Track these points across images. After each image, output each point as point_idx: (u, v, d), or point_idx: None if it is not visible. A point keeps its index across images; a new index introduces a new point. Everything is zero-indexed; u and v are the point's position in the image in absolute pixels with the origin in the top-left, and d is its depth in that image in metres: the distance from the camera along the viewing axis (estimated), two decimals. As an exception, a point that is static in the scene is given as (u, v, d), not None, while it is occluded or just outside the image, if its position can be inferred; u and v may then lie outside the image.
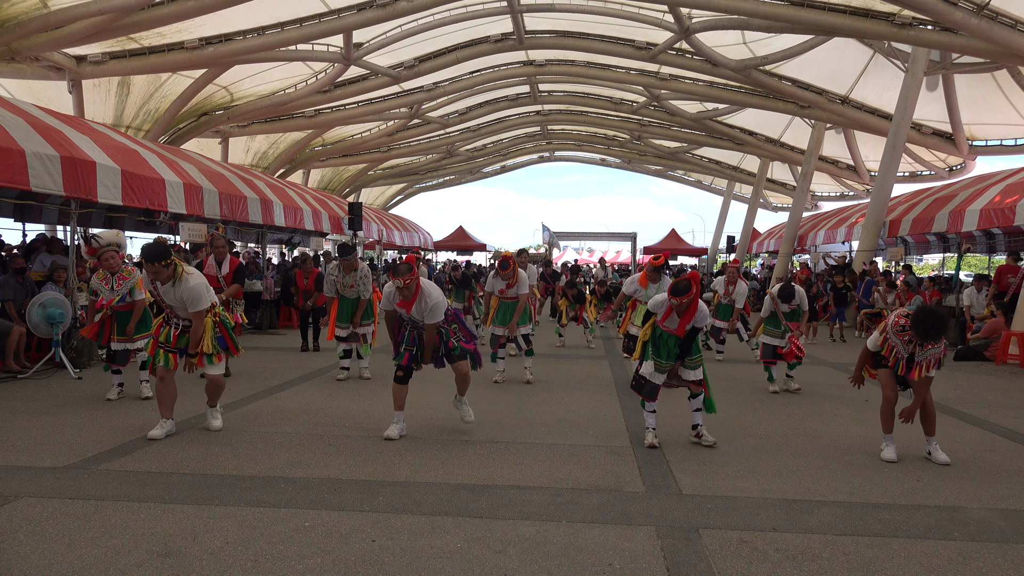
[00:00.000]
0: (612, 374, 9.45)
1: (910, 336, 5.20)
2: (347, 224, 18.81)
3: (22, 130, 8.76)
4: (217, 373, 5.78)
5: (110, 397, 7.06)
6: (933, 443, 5.41)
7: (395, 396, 5.80)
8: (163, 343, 5.64)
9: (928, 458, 5.39)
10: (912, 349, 5.24)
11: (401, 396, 5.80)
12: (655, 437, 5.67)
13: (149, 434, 5.59)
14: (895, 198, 19.89)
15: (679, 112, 25.23)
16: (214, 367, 5.73)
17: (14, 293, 8.88)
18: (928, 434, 5.43)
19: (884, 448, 5.45)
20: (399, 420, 5.81)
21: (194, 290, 5.45)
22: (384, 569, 3.37)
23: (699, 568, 3.44)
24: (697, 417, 5.75)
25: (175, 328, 5.65)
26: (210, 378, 5.79)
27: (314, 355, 10.81)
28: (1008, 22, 13.14)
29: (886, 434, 5.48)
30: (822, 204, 31.73)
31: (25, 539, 3.60)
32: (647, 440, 5.66)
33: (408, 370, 5.77)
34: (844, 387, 8.70)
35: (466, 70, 22.14)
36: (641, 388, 5.71)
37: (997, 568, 3.52)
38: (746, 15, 15.31)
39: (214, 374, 5.77)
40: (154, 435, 5.56)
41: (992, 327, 11.95)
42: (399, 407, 5.81)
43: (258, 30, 16.29)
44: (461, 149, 33.13)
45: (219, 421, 5.90)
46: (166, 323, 5.70)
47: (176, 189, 11.34)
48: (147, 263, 5.29)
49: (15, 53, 14.08)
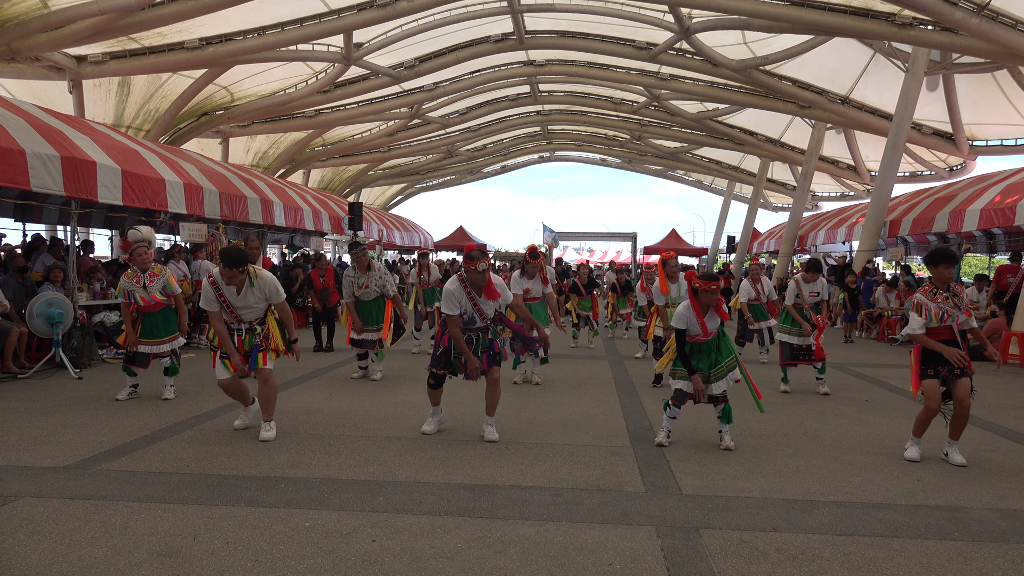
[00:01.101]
0: (612, 374, 9.45)
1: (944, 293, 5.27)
2: (347, 224, 18.82)
3: (22, 130, 8.77)
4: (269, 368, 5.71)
5: (119, 397, 7.03)
6: (954, 446, 5.37)
7: (431, 397, 5.85)
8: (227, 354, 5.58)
9: (944, 459, 5.37)
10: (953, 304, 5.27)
11: (436, 396, 5.84)
12: (667, 437, 5.66)
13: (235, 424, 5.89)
14: (895, 198, 19.89)
15: (679, 112, 25.23)
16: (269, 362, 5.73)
17: (14, 293, 8.88)
18: (952, 437, 5.38)
19: (909, 447, 5.45)
20: (435, 414, 5.88)
21: (272, 281, 5.61)
22: (384, 569, 3.37)
23: (699, 568, 3.44)
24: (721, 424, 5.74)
25: (238, 335, 5.65)
26: (263, 377, 5.67)
27: (316, 355, 10.81)
28: (1008, 22, 13.14)
29: (915, 436, 5.46)
30: (822, 204, 31.73)
31: (25, 539, 3.60)
32: (658, 438, 5.65)
33: (440, 377, 5.70)
34: (844, 387, 8.72)
35: (466, 70, 22.15)
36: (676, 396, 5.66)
37: (997, 568, 3.52)
38: (746, 15, 15.31)
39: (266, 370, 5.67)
40: (238, 425, 5.86)
41: (992, 327, 11.94)
42: (435, 403, 5.86)
43: (258, 30, 16.30)
44: (461, 149, 33.14)
45: (273, 432, 5.67)
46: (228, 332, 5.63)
47: (176, 189, 11.34)
48: (225, 268, 5.31)
49: (15, 53, 14.09)
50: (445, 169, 37.27)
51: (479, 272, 5.41)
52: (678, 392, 5.64)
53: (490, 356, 5.66)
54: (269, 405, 5.71)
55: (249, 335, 5.66)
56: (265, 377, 5.69)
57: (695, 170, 35.41)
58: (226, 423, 6.11)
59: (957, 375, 5.26)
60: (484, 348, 5.64)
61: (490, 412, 5.77)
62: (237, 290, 5.50)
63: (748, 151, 28.25)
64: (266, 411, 5.72)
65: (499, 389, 5.75)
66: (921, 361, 5.40)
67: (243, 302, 5.54)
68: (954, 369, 5.25)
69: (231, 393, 5.81)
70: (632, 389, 8.27)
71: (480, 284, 5.48)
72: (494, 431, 5.72)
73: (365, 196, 36.52)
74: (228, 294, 5.51)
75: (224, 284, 5.45)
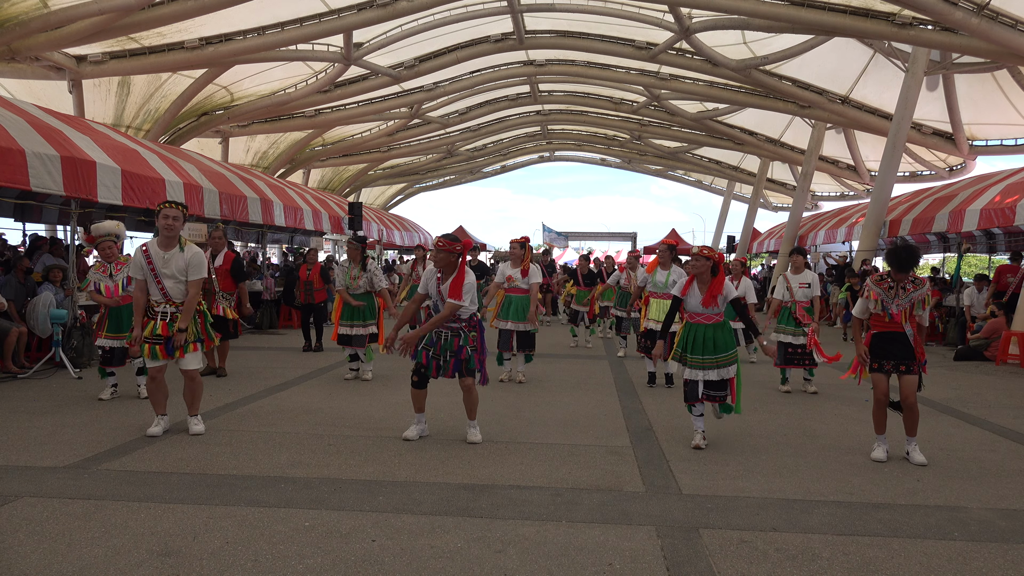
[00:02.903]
0: (612, 374, 9.44)
1: (889, 282, 5.35)
2: (347, 224, 18.82)
3: (22, 130, 8.77)
4: (195, 367, 5.70)
5: (103, 397, 7.04)
6: (913, 444, 5.39)
7: (414, 400, 5.72)
8: (150, 338, 5.55)
9: (906, 458, 5.38)
10: (895, 295, 5.32)
11: (419, 399, 5.70)
12: (703, 439, 5.63)
13: (148, 431, 5.62)
14: (895, 198, 19.89)
15: (679, 112, 25.22)
16: (192, 358, 5.66)
17: (15, 293, 8.88)
18: (908, 434, 5.41)
19: (875, 448, 5.45)
20: (420, 422, 5.76)
21: (200, 256, 5.60)
22: (384, 569, 3.37)
23: (699, 568, 3.44)
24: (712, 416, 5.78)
25: (163, 319, 5.58)
26: (188, 376, 5.69)
27: (314, 355, 10.81)
28: (1008, 22, 13.14)
29: (878, 435, 5.47)
30: (822, 204, 31.72)
31: (25, 539, 3.60)
32: (694, 441, 5.62)
33: (424, 375, 5.60)
34: (844, 387, 8.71)
35: (466, 70, 22.14)
36: (687, 394, 5.66)
37: (997, 568, 3.52)
38: (746, 15, 15.31)
39: (192, 369, 5.67)
40: (153, 432, 5.60)
41: (992, 327, 11.95)
42: (418, 409, 5.74)
43: (258, 30, 16.30)
44: (461, 149, 33.13)
45: (201, 426, 5.75)
46: (150, 318, 5.60)
47: (176, 189, 11.34)
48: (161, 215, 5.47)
49: (15, 53, 14.09)
50: (445, 169, 37.26)
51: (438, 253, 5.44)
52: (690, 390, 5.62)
53: (458, 362, 5.55)
54: (195, 400, 5.78)
55: (174, 321, 5.59)
56: (192, 376, 5.70)
57: (695, 170, 35.40)
58: (225, 423, 6.12)
59: (902, 371, 5.32)
60: (453, 353, 5.54)
61: (471, 416, 5.76)
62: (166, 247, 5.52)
63: (748, 151, 28.25)
64: (192, 407, 5.79)
65: (475, 393, 5.73)
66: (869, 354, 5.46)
67: (167, 268, 5.52)
68: (899, 364, 5.32)
69: (153, 391, 5.65)
70: (632, 389, 8.27)
71: (446, 269, 5.48)
72: (477, 433, 5.71)
73: (365, 196, 36.51)
74: (156, 259, 5.51)
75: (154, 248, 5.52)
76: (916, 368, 5.34)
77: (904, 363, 5.32)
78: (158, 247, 5.55)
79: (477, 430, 5.74)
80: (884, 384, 5.37)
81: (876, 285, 5.41)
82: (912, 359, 5.33)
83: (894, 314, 5.31)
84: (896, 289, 5.33)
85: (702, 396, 5.60)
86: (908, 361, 5.32)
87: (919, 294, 5.31)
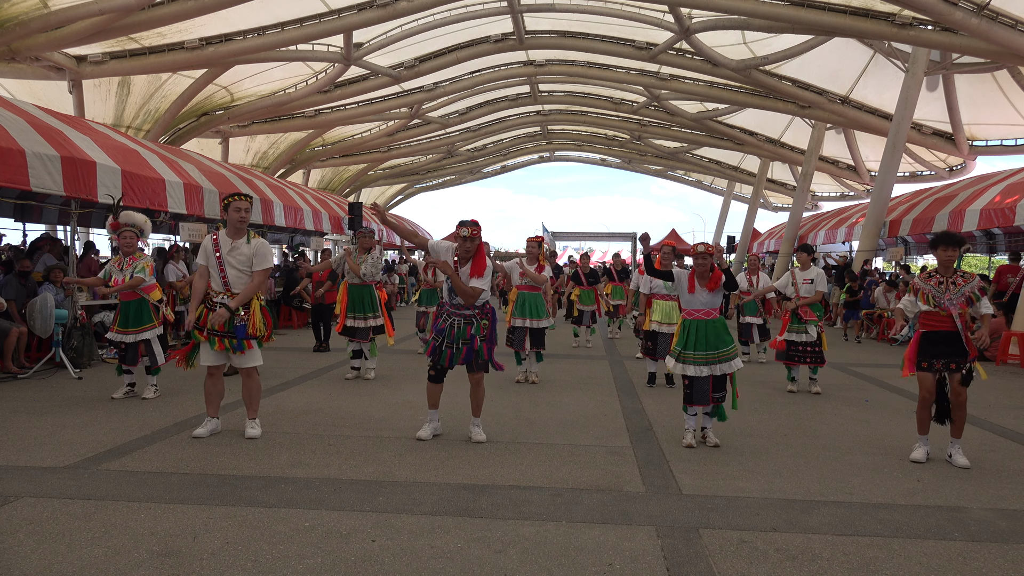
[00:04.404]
0: (612, 374, 9.45)
1: (938, 278, 5.28)
2: (347, 224, 18.82)
3: (22, 130, 8.77)
4: (253, 366, 5.65)
5: (115, 396, 7.05)
6: (957, 447, 5.33)
7: (429, 395, 5.68)
8: (210, 328, 5.46)
9: (948, 460, 5.33)
10: (946, 290, 5.24)
11: (436, 395, 5.65)
12: (694, 438, 5.65)
13: (194, 433, 5.62)
14: (895, 198, 19.90)
15: (679, 112, 25.23)
16: (250, 355, 5.61)
17: (16, 293, 8.88)
18: (953, 435, 5.34)
19: (916, 448, 5.40)
20: (433, 419, 5.71)
21: (264, 245, 5.60)
22: (384, 569, 3.37)
23: (699, 568, 3.44)
24: (706, 420, 5.75)
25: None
26: (245, 373, 5.64)
27: (315, 355, 10.80)
28: (1008, 22, 13.14)
29: (921, 435, 5.41)
30: (822, 204, 31.72)
31: (25, 539, 3.60)
32: (686, 440, 5.63)
33: (442, 368, 5.54)
34: (844, 387, 8.72)
35: (466, 70, 22.14)
36: (691, 396, 5.65)
37: (997, 568, 3.52)
38: (746, 15, 15.32)
39: (250, 366, 5.62)
40: (199, 434, 5.60)
41: (993, 327, 11.94)
42: (432, 406, 5.69)
43: (258, 30, 16.30)
44: (461, 149, 33.13)
45: (258, 430, 5.67)
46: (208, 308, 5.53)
47: (176, 189, 11.34)
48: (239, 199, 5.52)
49: (15, 53, 14.09)
50: (445, 169, 37.26)
51: (461, 238, 5.41)
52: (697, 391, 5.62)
53: (469, 352, 5.50)
54: (253, 402, 5.71)
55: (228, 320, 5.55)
56: (248, 373, 5.67)
57: (695, 170, 35.40)
58: (227, 423, 6.11)
59: (952, 369, 5.25)
60: (464, 341, 5.48)
61: (476, 413, 5.73)
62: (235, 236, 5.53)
63: (748, 151, 28.25)
64: (250, 408, 5.72)
65: (483, 389, 5.72)
66: (917, 352, 5.39)
67: (233, 257, 5.50)
68: (949, 363, 5.25)
69: (210, 388, 5.62)
70: (632, 389, 8.27)
71: (467, 255, 5.44)
72: (481, 432, 5.69)
73: (365, 196, 36.48)
74: (224, 246, 5.51)
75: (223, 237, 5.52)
76: (967, 366, 5.23)
77: (955, 361, 5.22)
78: (226, 235, 5.56)
79: (481, 429, 5.71)
80: (931, 383, 5.29)
81: (925, 283, 5.32)
82: (964, 357, 5.22)
83: (950, 310, 5.20)
84: (947, 284, 5.25)
85: (712, 400, 5.61)
86: (959, 359, 5.22)
87: (970, 288, 5.24)
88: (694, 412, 5.70)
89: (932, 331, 5.32)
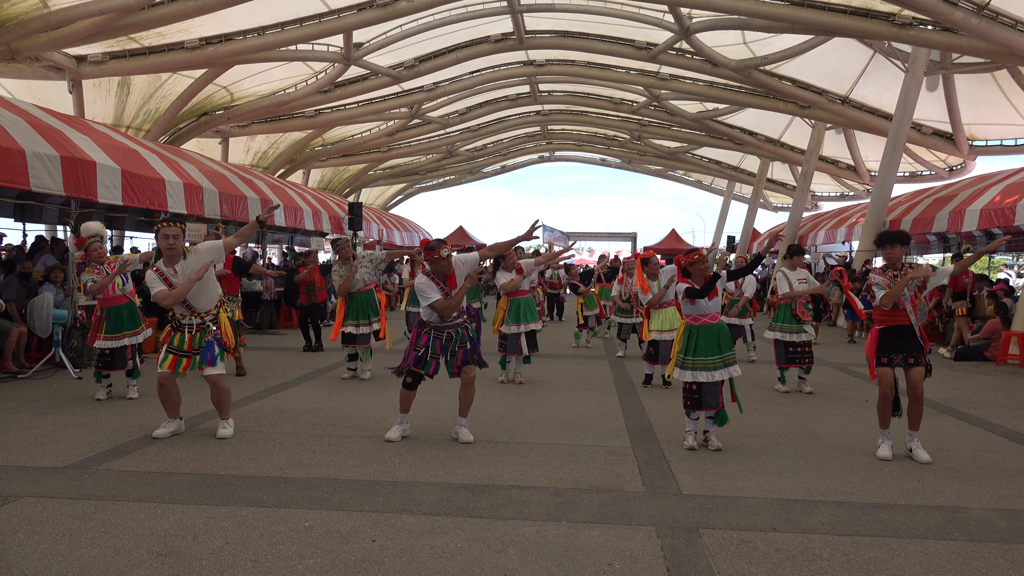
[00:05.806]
0: (612, 374, 9.44)
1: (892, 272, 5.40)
2: (347, 224, 18.82)
3: (22, 130, 8.77)
4: (219, 373, 5.62)
5: (99, 397, 7.04)
6: (915, 439, 5.41)
7: (402, 400, 5.71)
8: (177, 349, 5.50)
9: (909, 456, 5.38)
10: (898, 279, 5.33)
11: (409, 400, 5.70)
12: (695, 440, 5.64)
13: (154, 433, 5.58)
14: (895, 198, 19.88)
15: (679, 112, 25.22)
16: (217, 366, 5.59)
17: (16, 293, 8.88)
18: (911, 428, 5.42)
19: (880, 445, 5.47)
20: (402, 422, 5.74)
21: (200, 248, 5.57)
22: (384, 569, 3.37)
23: (699, 568, 3.44)
24: (708, 424, 5.74)
25: (188, 331, 5.54)
26: (213, 381, 5.59)
27: (314, 355, 10.81)
28: (1008, 22, 13.13)
29: (882, 429, 5.50)
30: (822, 204, 31.70)
31: (25, 539, 3.60)
32: (686, 442, 5.62)
33: (418, 376, 5.58)
34: (844, 387, 8.72)
35: (466, 70, 22.13)
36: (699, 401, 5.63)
37: (997, 568, 3.52)
38: (746, 15, 15.30)
39: (216, 375, 5.58)
40: (159, 434, 5.56)
41: (992, 327, 11.96)
42: (404, 410, 5.73)
43: (258, 30, 16.28)
44: (461, 149, 33.11)
45: (229, 430, 5.68)
46: (176, 330, 5.56)
47: (176, 189, 11.34)
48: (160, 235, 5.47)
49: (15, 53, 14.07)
50: (445, 169, 37.24)
51: (443, 259, 5.46)
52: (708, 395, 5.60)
53: (466, 352, 5.59)
54: (224, 406, 5.70)
55: (200, 332, 5.54)
56: (214, 381, 5.60)
57: (695, 170, 35.38)
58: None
59: (911, 364, 5.34)
60: (462, 343, 5.58)
61: (463, 413, 5.75)
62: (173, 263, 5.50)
63: (748, 151, 28.24)
64: (222, 412, 5.72)
65: (473, 389, 5.73)
66: (876, 350, 5.48)
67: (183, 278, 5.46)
68: (907, 358, 5.34)
69: (165, 394, 5.53)
70: (632, 389, 8.27)
71: (445, 273, 5.50)
72: (468, 432, 5.70)
73: (365, 196, 36.48)
74: (171, 277, 5.49)
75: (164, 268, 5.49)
76: (924, 359, 5.36)
77: (912, 355, 5.34)
78: (165, 266, 5.51)
79: (468, 430, 5.73)
80: (890, 378, 5.39)
81: (881, 276, 5.43)
82: (920, 351, 5.35)
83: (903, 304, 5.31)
84: (900, 276, 5.34)
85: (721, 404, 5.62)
86: (916, 353, 5.34)
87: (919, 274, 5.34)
88: (696, 416, 5.69)
89: (888, 327, 5.44)
